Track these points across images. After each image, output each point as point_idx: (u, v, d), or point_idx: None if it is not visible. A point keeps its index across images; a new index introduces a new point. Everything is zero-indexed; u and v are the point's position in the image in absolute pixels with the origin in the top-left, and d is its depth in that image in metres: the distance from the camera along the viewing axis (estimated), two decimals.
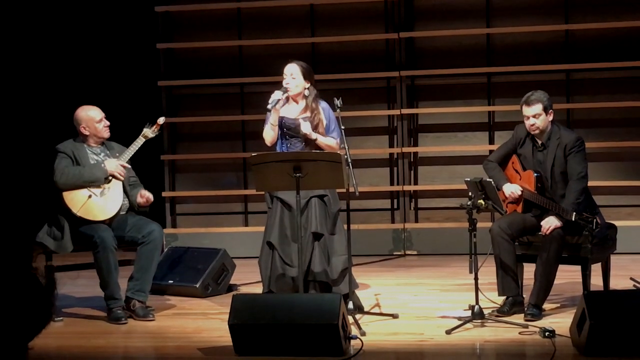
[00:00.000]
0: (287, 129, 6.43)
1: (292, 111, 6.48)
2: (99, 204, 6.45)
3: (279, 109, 6.39)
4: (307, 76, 6.44)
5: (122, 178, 6.50)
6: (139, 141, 6.63)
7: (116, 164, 6.48)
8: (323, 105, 6.46)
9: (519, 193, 6.25)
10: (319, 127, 6.39)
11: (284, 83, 6.43)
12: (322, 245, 6.31)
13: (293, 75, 6.41)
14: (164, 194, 9.57)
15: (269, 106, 6.32)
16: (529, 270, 6.32)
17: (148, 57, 9.63)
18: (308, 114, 6.41)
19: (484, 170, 6.48)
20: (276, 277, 6.30)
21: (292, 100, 6.48)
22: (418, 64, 9.39)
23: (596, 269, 6.35)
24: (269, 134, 6.43)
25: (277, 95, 6.34)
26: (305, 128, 6.33)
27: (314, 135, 6.34)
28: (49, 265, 6.48)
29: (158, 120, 6.76)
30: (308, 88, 6.44)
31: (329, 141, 6.37)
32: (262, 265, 6.42)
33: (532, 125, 6.18)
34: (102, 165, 6.46)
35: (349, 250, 6.21)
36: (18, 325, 2.00)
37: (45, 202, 6.62)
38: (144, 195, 6.52)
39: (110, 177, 6.48)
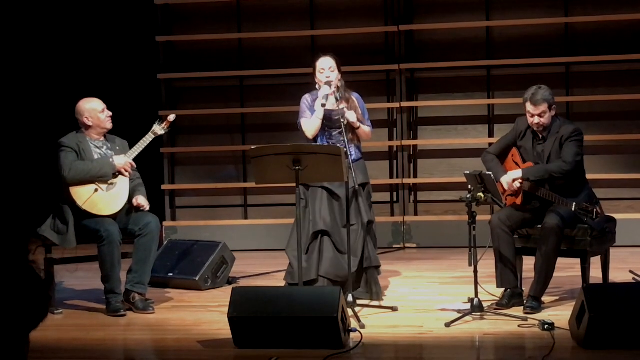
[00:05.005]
0: (327, 120, 6.51)
1: (330, 103, 6.55)
2: (104, 199, 6.44)
3: (326, 104, 6.46)
4: (340, 68, 6.58)
5: (127, 175, 6.49)
6: (148, 138, 6.62)
7: (125, 160, 6.47)
8: (355, 95, 6.64)
9: (518, 181, 6.21)
10: (357, 115, 6.52)
11: (323, 77, 6.49)
12: (372, 234, 6.52)
13: (332, 68, 6.52)
14: (163, 186, 9.58)
15: (323, 101, 6.40)
16: (528, 263, 6.32)
17: (148, 49, 9.63)
18: (344, 104, 6.50)
19: (482, 162, 6.48)
20: (329, 264, 6.34)
21: None
22: (418, 57, 9.38)
23: (595, 262, 6.35)
24: (314, 127, 6.50)
25: (326, 90, 6.45)
26: (352, 116, 6.41)
27: (357, 124, 6.46)
28: (49, 258, 6.48)
29: (168, 118, 6.72)
30: (340, 79, 6.57)
31: (366, 129, 6.55)
32: (297, 256, 6.39)
33: (537, 123, 6.17)
34: (111, 160, 6.45)
35: (348, 242, 6.22)
36: (14, 318, 2.00)
37: (49, 195, 6.61)
38: (140, 205, 6.52)
39: (117, 173, 6.47)
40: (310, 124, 6.50)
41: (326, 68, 6.51)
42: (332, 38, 9.43)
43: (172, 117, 6.75)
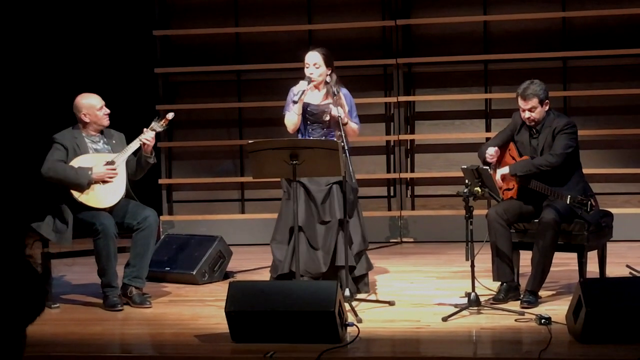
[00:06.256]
0: (310, 115, 6.49)
1: (315, 97, 6.55)
2: (100, 192, 6.43)
3: (303, 99, 6.43)
4: (328, 63, 6.49)
5: (111, 180, 6.44)
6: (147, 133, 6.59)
7: (104, 169, 6.40)
8: (344, 91, 6.54)
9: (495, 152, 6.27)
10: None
11: (307, 72, 6.46)
12: (346, 232, 6.41)
13: (317, 64, 6.45)
14: (160, 181, 9.57)
15: (295, 98, 6.38)
16: (525, 258, 6.32)
17: (145, 43, 9.61)
18: (330, 99, 6.46)
19: (479, 156, 6.48)
20: (301, 259, 6.33)
21: (315, 87, 6.53)
22: (415, 52, 9.38)
23: (592, 257, 6.36)
24: (292, 122, 6.50)
25: (302, 86, 6.40)
26: (337, 111, 6.33)
27: (345, 119, 6.38)
28: (46, 252, 6.47)
29: (167, 115, 6.68)
30: (330, 74, 6.50)
31: (353, 126, 6.48)
32: (279, 248, 6.46)
33: (528, 117, 6.20)
34: (89, 172, 6.38)
35: (346, 236, 6.27)
36: (11, 313, 1.99)
37: (46, 190, 6.60)
38: (146, 143, 6.46)
39: (94, 183, 6.40)
40: (289, 119, 6.52)
41: (310, 63, 6.46)
42: (329, 32, 9.42)
43: (170, 115, 6.71)
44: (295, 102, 6.40)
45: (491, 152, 6.30)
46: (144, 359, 5.37)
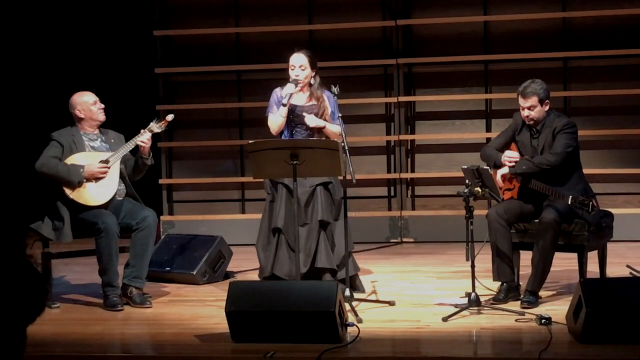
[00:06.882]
0: (295, 117, 6.50)
1: (299, 99, 6.55)
2: (92, 189, 6.43)
3: (290, 102, 6.44)
4: (313, 65, 6.52)
5: (104, 177, 6.45)
6: (144, 134, 6.59)
7: (95, 167, 6.42)
8: (327, 93, 6.54)
9: (517, 156, 6.23)
10: (324, 114, 6.47)
11: (293, 75, 6.46)
12: (328, 234, 6.41)
13: (302, 66, 6.47)
14: (161, 181, 9.57)
15: (283, 101, 6.38)
16: (525, 258, 6.32)
17: (145, 44, 9.62)
18: (314, 101, 6.47)
19: (481, 157, 6.48)
20: (282, 262, 6.35)
21: (299, 89, 6.53)
22: (415, 52, 9.38)
23: (592, 257, 6.36)
24: (277, 124, 6.49)
25: (289, 89, 6.40)
26: (311, 121, 6.38)
27: (322, 124, 6.41)
28: (46, 252, 6.48)
29: (167, 117, 6.69)
30: (314, 76, 6.52)
31: (335, 128, 6.45)
32: (263, 250, 6.49)
33: (527, 116, 6.21)
34: (81, 170, 6.40)
35: (347, 236, 6.29)
36: (12, 313, 1.99)
37: (45, 190, 6.61)
38: (142, 145, 6.49)
39: (85, 181, 6.42)
40: (273, 121, 6.51)
41: (296, 65, 6.47)
42: (329, 32, 9.43)
43: (170, 117, 6.71)
44: (284, 105, 6.40)
45: (514, 155, 6.24)
46: (144, 359, 5.37)
